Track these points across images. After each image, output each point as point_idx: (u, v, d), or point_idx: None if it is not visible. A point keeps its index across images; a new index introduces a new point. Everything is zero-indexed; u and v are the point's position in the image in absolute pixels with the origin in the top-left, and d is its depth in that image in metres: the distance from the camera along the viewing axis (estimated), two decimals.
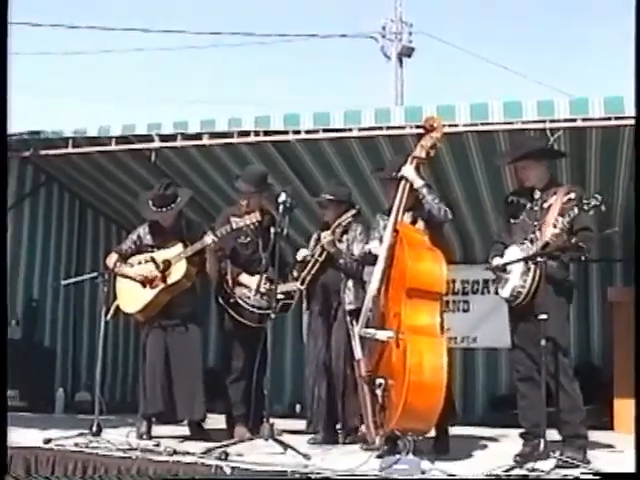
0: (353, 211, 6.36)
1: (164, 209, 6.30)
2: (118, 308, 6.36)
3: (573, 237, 5.01)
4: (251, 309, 6.32)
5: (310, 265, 6.31)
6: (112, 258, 6.48)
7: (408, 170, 5.46)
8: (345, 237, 6.35)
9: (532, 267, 5.01)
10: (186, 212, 6.85)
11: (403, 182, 5.45)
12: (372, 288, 5.31)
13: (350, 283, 6.28)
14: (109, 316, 6.15)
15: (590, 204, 4.79)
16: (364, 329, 5.36)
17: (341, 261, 6.27)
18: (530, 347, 5.06)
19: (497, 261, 5.33)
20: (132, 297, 6.30)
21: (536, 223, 5.17)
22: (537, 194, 5.28)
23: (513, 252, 5.21)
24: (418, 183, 5.45)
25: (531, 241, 5.13)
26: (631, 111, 5.57)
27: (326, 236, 6.24)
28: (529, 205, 5.30)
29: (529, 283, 5.03)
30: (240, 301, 6.35)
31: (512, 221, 5.37)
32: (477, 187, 8.26)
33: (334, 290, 6.31)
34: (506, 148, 6.69)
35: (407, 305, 5.03)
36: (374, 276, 5.32)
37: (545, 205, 5.18)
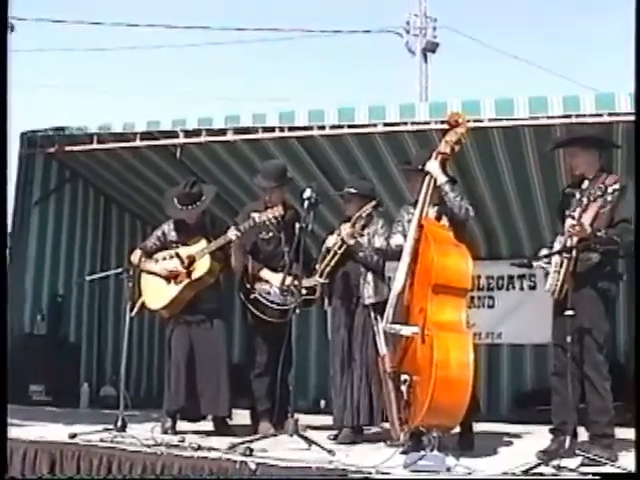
0: (373, 202, 6.26)
1: (189, 207, 6.30)
2: (143, 305, 6.37)
3: (611, 229, 4.91)
4: (271, 305, 6.30)
5: (329, 258, 6.24)
6: (136, 254, 6.50)
7: (432, 165, 5.40)
8: (366, 231, 6.26)
9: (565, 261, 4.95)
10: (211, 208, 6.84)
11: (428, 177, 5.40)
12: (397, 284, 5.25)
13: (370, 277, 6.20)
14: (134, 312, 6.17)
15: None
16: (389, 325, 5.31)
17: (361, 254, 6.20)
18: (566, 342, 4.96)
19: (541, 252, 5.28)
20: (157, 293, 6.31)
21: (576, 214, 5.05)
22: (585, 184, 5.20)
23: (557, 245, 5.14)
24: (441, 179, 5.39)
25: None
26: None
27: (346, 228, 6.19)
28: (578, 196, 5.19)
29: (561, 276, 4.97)
30: (260, 297, 6.33)
31: (566, 212, 5.24)
32: (502, 182, 8.21)
33: (354, 284, 6.24)
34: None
35: (433, 301, 4.99)
36: (399, 272, 5.27)
37: (591, 196, 5.02)
